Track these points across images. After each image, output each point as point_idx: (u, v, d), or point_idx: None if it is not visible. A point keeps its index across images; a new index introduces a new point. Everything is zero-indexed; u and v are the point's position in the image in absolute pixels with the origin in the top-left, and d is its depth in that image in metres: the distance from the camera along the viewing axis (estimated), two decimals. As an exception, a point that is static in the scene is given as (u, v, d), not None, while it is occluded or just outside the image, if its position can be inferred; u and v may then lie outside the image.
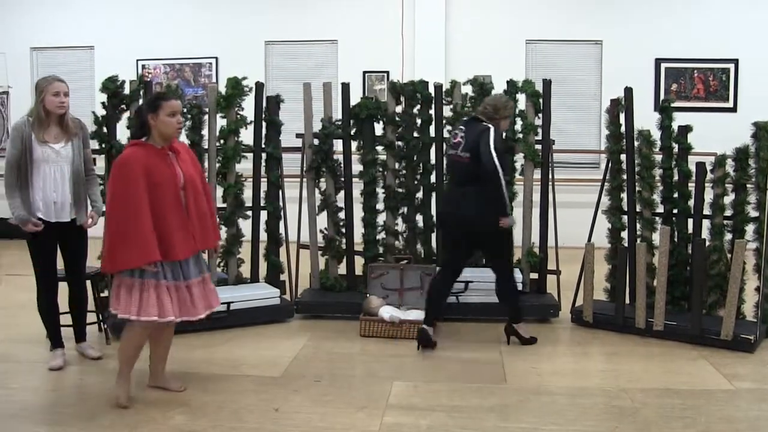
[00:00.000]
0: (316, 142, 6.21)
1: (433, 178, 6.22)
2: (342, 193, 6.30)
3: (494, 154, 4.81)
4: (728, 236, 5.46)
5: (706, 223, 5.54)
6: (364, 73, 9.78)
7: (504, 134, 5.16)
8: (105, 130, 5.68)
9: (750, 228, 5.39)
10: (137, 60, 10.13)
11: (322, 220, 6.30)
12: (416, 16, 9.66)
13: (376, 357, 5.01)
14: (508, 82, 6.12)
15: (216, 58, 10.10)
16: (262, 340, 5.37)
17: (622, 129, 5.79)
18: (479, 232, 5.05)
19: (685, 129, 5.65)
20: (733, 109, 9.57)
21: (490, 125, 4.98)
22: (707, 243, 5.41)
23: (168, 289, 3.88)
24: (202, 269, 4.12)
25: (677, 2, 9.57)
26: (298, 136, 6.29)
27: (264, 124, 6.13)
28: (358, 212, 6.26)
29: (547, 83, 5.99)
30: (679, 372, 4.70)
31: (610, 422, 3.87)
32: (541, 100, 6.03)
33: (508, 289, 5.26)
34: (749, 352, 5.05)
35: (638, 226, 5.75)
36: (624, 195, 5.81)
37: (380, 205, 6.28)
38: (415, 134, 6.19)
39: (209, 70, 10.15)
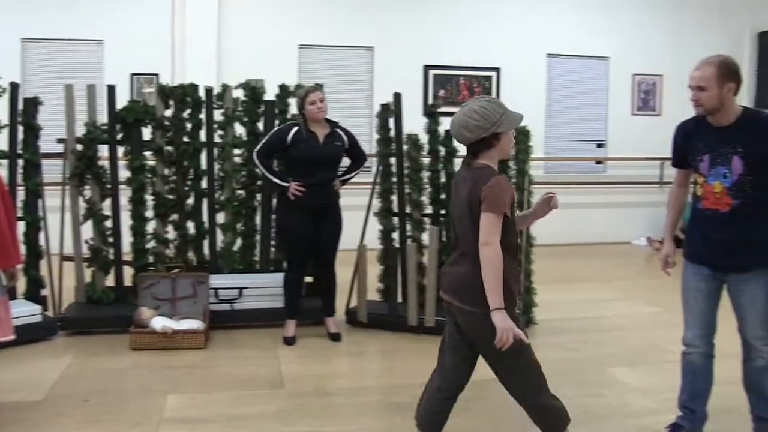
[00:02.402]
0: (79, 147, 5.86)
1: (204, 184, 6.10)
2: (108, 201, 5.98)
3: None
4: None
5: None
6: (132, 75, 9.37)
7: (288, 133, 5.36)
8: None
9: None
10: None
11: (87, 229, 5.95)
12: (187, 18, 9.36)
13: (149, 370, 4.81)
14: (280, 86, 6.14)
15: (-38, 56, 9.20)
16: (21, 361, 4.95)
17: (392, 133, 5.99)
18: None
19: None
20: (495, 115, 10.22)
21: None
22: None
23: None
24: None
25: (445, 12, 10.05)
26: (59, 141, 5.92)
27: (20, 128, 5.72)
28: (126, 220, 5.99)
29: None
30: (450, 365, 4.92)
31: (388, 419, 3.99)
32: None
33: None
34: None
35: (408, 227, 5.96)
36: (394, 197, 6.01)
37: (149, 213, 6.05)
38: (186, 139, 6.03)
39: (-45, 68, 9.24)
